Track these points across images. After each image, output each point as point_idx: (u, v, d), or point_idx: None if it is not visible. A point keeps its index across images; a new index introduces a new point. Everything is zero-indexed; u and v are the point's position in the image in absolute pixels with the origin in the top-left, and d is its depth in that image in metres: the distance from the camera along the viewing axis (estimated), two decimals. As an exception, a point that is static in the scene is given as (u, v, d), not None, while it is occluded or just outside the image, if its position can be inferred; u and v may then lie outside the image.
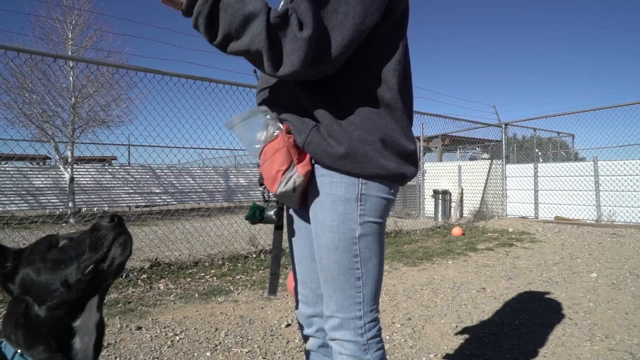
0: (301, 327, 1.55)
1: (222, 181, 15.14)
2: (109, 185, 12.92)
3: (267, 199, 1.45)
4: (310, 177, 1.27)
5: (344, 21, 1.12)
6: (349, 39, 1.13)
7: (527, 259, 5.96)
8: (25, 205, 11.97)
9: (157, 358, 2.72)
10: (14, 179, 11.86)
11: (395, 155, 1.26)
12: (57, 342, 1.01)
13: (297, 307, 1.54)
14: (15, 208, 11.81)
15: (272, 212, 1.41)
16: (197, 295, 4.17)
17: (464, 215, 11.45)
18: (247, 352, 2.82)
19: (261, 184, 1.41)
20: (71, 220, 11.03)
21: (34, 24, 12.20)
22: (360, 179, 1.23)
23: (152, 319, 3.47)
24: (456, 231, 8.21)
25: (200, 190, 14.58)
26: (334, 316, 1.30)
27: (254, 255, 5.86)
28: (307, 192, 1.32)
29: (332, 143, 1.20)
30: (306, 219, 1.43)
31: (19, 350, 1.00)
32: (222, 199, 15.05)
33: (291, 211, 1.49)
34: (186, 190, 14.39)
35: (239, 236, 6.85)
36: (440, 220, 10.57)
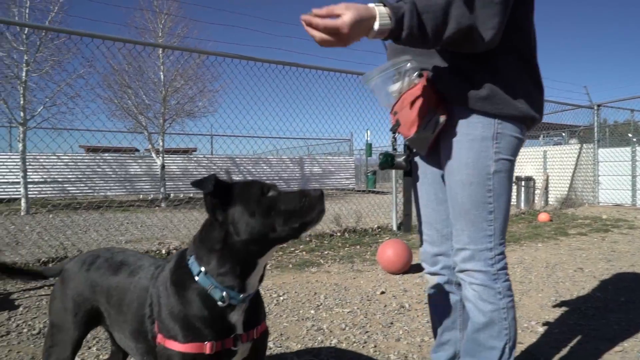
0: (425, 266, 1.67)
1: (297, 169, 15.60)
2: (195, 173, 13.84)
3: (395, 147, 1.58)
4: (447, 121, 1.39)
5: None
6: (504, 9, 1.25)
7: (627, 243, 5.60)
8: (123, 190, 13.18)
9: (267, 313, 2.98)
10: (113, 167, 13.11)
11: (527, 100, 1.35)
12: (241, 271, 1.16)
13: (420, 245, 1.66)
14: (115, 193, 13.06)
15: (401, 159, 1.55)
16: (291, 265, 4.44)
17: (549, 202, 10.89)
18: (348, 312, 3.00)
19: (393, 132, 1.54)
20: (162, 204, 11.98)
21: (129, 24, 13.31)
22: (496, 120, 1.34)
23: (255, 283, 3.76)
24: (543, 217, 7.87)
25: (277, 177, 15.13)
26: (466, 248, 1.40)
27: (338, 234, 6.07)
28: (438, 137, 1.44)
29: (474, 87, 1.31)
30: (433, 163, 1.55)
31: (203, 269, 1.17)
32: (297, 187, 15.53)
33: (417, 159, 1.61)
34: (263, 177, 15.02)
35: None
36: (522, 207, 10.16)
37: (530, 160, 11.67)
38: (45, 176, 11.98)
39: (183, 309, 1.18)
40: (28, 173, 10.29)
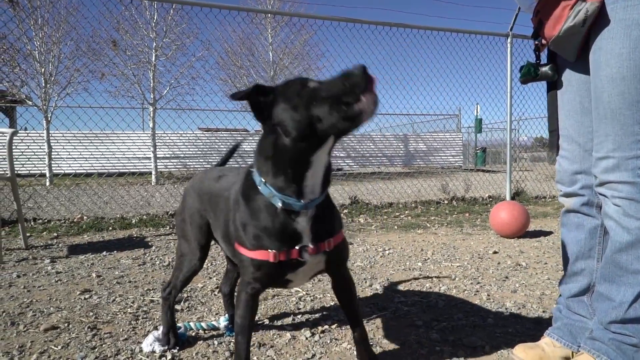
0: (560, 188, 1.50)
1: (401, 146, 15.28)
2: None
3: (539, 58, 1.44)
4: (599, 9, 1.21)
5: None
6: None
7: None
8: (236, 165, 14.15)
9: (371, 264, 2.97)
10: (227, 144, 14.13)
11: None
12: (294, 173, 1.13)
13: (558, 158, 1.50)
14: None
15: (546, 68, 1.41)
16: (396, 227, 4.38)
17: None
18: (457, 266, 2.87)
19: (535, 38, 1.39)
20: (271, 179, 12.60)
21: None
22: None
23: (360, 239, 3.78)
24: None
25: (381, 155, 15.00)
26: (609, 156, 1.23)
27: (445, 202, 5.84)
28: (588, 37, 1.27)
29: None
30: (580, 69, 1.38)
31: (263, 180, 1.17)
32: (401, 164, 15.23)
33: (561, 65, 1.45)
34: (367, 155, 14.99)
35: (426, 189, 6.88)
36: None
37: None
38: (170, 152, 13.32)
39: (250, 219, 1.21)
40: (156, 149, 11.48)
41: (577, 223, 1.45)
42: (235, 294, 1.31)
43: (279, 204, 1.15)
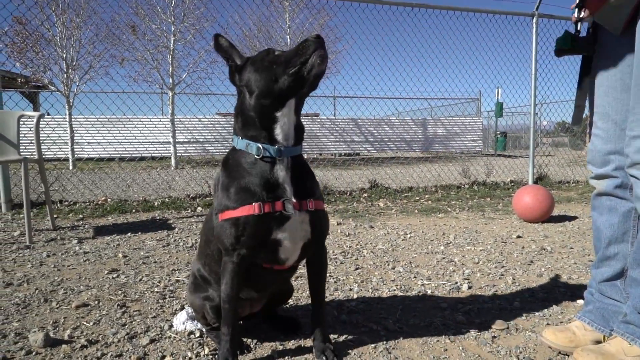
0: (592, 169, 1.46)
1: (420, 131, 15.11)
2: (319, 134, 14.27)
3: (578, 30, 1.39)
4: None
5: None
6: None
7: None
8: (254, 150, 14.20)
9: (393, 247, 2.97)
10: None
11: None
12: (261, 123, 1.25)
13: (589, 141, 1.45)
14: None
15: (585, 41, 1.36)
16: (416, 211, 4.35)
17: None
18: (480, 250, 2.84)
19: (580, 8, 1.34)
20: (289, 164, 12.60)
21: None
22: None
23: (380, 223, 3.77)
24: None
25: (400, 140, 14.86)
26: None
27: (466, 186, 5.77)
28: (638, 6, 1.21)
29: None
30: (623, 44, 1.32)
31: (239, 136, 1.29)
32: (419, 149, 15.08)
33: (603, 39, 1.39)
34: (385, 139, 14.88)
35: (446, 174, 6.79)
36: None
37: None
38: (189, 137, 13.43)
39: (231, 178, 1.27)
40: (175, 134, 11.58)
41: (609, 206, 1.41)
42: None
43: (255, 150, 1.24)
